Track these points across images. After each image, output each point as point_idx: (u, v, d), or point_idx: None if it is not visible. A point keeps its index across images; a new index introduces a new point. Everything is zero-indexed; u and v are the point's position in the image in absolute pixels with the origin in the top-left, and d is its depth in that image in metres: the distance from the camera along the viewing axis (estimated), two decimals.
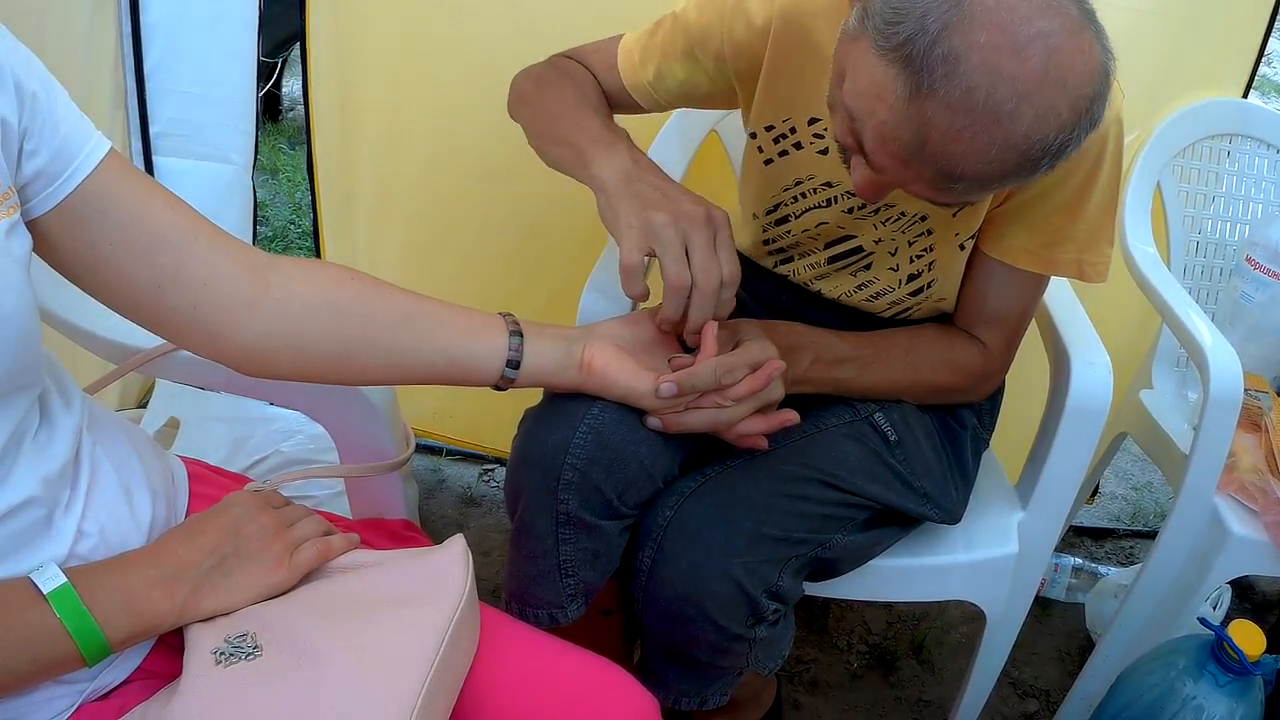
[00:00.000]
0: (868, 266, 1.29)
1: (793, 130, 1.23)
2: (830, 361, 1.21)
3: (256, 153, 1.96)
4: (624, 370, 1.07)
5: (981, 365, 1.27)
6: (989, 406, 1.38)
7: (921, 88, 0.87)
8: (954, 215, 1.19)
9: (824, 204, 1.25)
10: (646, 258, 1.05)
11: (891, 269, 1.27)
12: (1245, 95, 1.78)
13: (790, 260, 1.35)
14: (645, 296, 1.07)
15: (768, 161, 1.27)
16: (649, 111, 1.34)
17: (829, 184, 1.24)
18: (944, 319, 1.32)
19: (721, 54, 1.22)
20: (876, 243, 1.26)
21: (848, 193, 1.22)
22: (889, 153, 0.94)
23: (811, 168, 1.24)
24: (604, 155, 1.12)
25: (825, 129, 1.20)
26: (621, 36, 1.32)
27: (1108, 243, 1.19)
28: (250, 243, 1.71)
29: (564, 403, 1.10)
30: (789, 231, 1.31)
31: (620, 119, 1.30)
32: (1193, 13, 1.68)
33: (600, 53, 1.32)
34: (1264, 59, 1.76)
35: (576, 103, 1.23)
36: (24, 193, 0.81)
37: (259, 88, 1.91)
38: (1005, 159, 0.90)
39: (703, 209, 1.06)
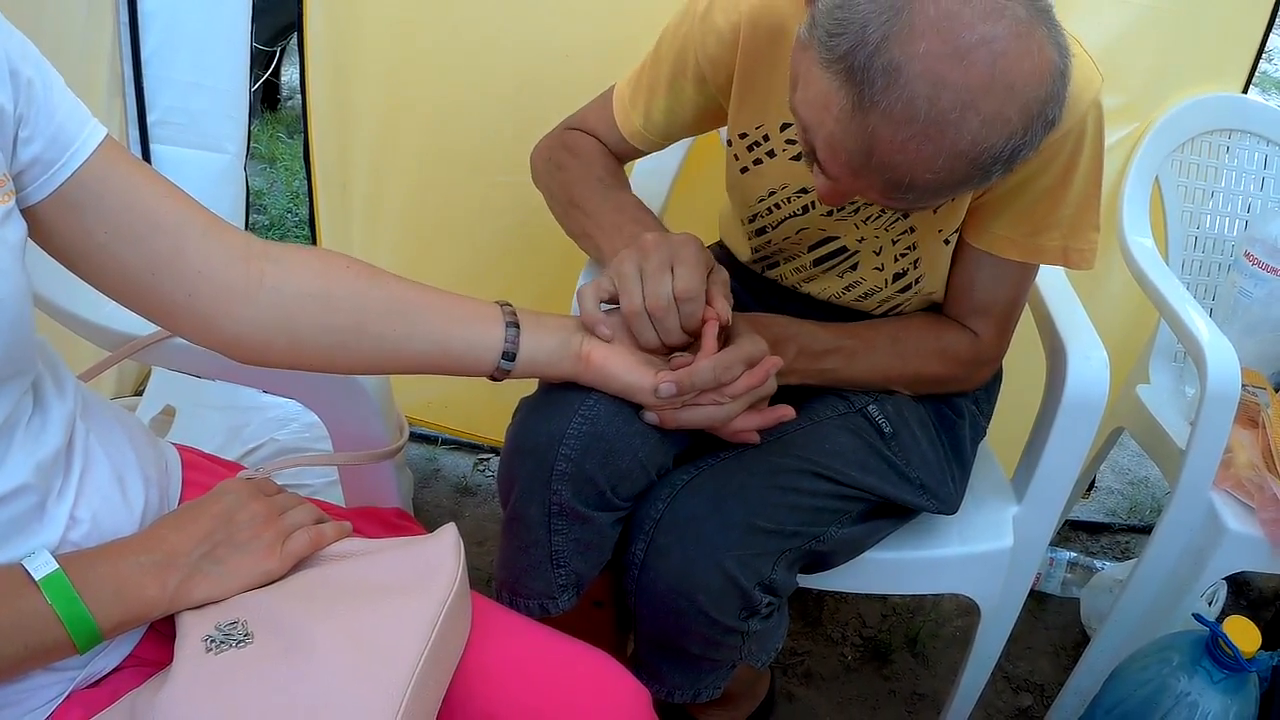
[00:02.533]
0: (854, 267, 1.28)
1: (766, 138, 1.23)
2: (815, 353, 1.21)
3: (249, 142, 1.95)
4: (623, 365, 1.06)
5: (972, 353, 1.26)
6: (985, 394, 1.37)
7: (864, 100, 0.87)
8: (934, 212, 1.18)
9: (800, 211, 1.25)
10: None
11: (877, 268, 1.27)
12: (1245, 91, 1.78)
13: (776, 265, 1.35)
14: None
15: (743, 170, 1.27)
16: (652, 152, 1.35)
17: (804, 190, 1.23)
18: (937, 308, 1.31)
19: (701, 74, 1.22)
20: (860, 242, 1.25)
21: None
22: (839, 163, 0.94)
23: (784, 176, 1.23)
24: (611, 247, 1.14)
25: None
26: (615, 86, 1.32)
27: (1093, 228, 1.18)
28: None
29: (559, 393, 1.10)
30: (769, 241, 1.31)
31: None
32: (1194, 8, 1.68)
33: (599, 111, 1.33)
34: (1264, 55, 1.76)
35: (585, 187, 1.25)
36: (19, 179, 0.81)
37: (256, 76, 1.90)
38: (954, 167, 0.89)
39: (656, 237, 1.07)
